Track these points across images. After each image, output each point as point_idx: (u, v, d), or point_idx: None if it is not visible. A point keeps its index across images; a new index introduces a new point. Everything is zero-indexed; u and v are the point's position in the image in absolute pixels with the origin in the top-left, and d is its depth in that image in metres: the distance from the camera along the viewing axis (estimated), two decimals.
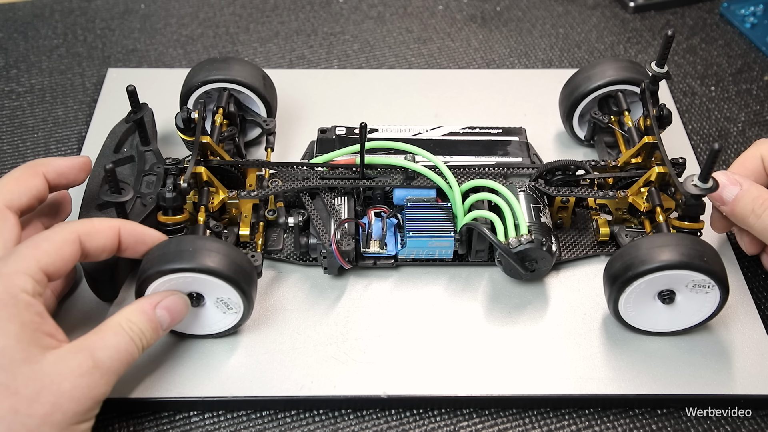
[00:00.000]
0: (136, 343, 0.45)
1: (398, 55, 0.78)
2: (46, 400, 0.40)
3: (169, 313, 0.47)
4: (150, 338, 0.46)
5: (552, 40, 0.80)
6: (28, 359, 0.40)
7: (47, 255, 0.43)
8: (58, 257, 0.44)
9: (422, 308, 0.55)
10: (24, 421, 0.40)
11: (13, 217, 0.48)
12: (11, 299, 0.41)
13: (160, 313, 0.47)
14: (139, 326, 0.45)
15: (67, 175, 0.51)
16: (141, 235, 0.48)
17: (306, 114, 0.69)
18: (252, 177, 0.59)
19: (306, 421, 0.50)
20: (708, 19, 0.83)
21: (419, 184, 0.57)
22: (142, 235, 0.48)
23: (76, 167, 0.52)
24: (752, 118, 0.72)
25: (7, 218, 0.47)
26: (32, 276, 0.42)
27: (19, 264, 0.42)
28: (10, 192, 0.48)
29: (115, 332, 0.44)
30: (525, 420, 0.50)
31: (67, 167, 0.51)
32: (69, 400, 0.41)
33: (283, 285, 0.56)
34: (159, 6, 0.82)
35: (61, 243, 0.44)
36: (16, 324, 0.41)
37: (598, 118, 0.62)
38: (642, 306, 0.51)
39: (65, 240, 0.44)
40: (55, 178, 0.51)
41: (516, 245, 0.52)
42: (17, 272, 0.42)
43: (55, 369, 0.41)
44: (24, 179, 0.49)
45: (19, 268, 0.42)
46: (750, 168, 0.55)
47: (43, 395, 0.40)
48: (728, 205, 0.52)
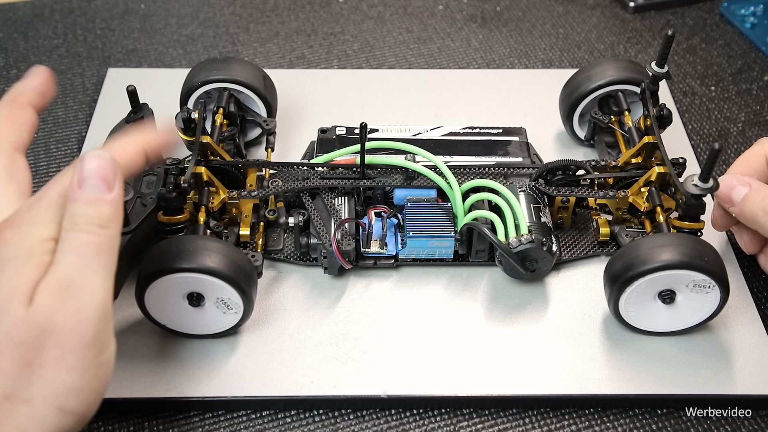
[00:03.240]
0: (99, 234, 0.38)
1: (398, 55, 0.78)
2: (50, 347, 0.36)
3: (101, 179, 0.39)
4: (103, 213, 0.39)
5: (552, 40, 0.80)
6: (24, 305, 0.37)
7: None
8: None
9: (422, 308, 0.55)
10: (41, 373, 0.36)
11: (22, 159, 0.45)
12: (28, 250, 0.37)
13: (91, 183, 0.39)
14: (84, 216, 0.38)
15: (46, 92, 0.47)
16: (161, 143, 0.45)
17: (306, 114, 0.69)
18: (252, 177, 0.59)
19: (306, 421, 0.50)
20: (708, 19, 0.83)
21: (419, 184, 0.57)
22: (161, 143, 0.45)
23: (47, 80, 0.47)
24: (752, 118, 0.72)
25: (17, 161, 0.44)
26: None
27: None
28: (11, 133, 0.44)
29: (71, 243, 0.38)
30: (525, 420, 0.50)
31: (42, 84, 0.47)
32: (69, 335, 0.37)
33: (283, 285, 0.56)
34: (159, 6, 0.82)
35: None
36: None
37: (598, 118, 0.62)
38: (642, 306, 0.51)
39: None
40: (39, 101, 0.47)
41: (516, 245, 0.52)
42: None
43: (43, 307, 0.36)
44: (16, 116, 0.45)
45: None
46: (754, 166, 0.55)
47: (43, 343, 0.36)
48: (737, 206, 0.52)
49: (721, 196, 0.53)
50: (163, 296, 0.49)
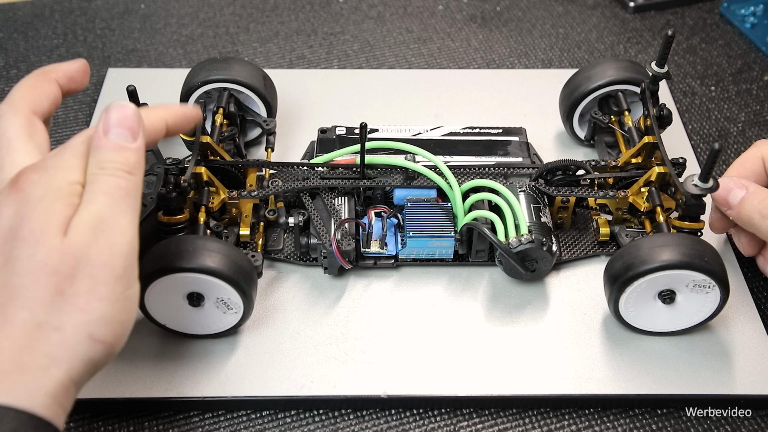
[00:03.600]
0: (126, 178, 0.40)
1: (398, 55, 0.78)
2: (82, 276, 0.37)
3: (126, 128, 0.41)
4: (129, 159, 0.41)
5: (552, 40, 0.80)
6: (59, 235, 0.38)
7: None
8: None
9: (422, 308, 0.55)
10: (72, 302, 0.37)
11: (40, 124, 0.46)
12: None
13: (117, 132, 0.41)
14: (112, 161, 0.40)
15: (75, 78, 0.49)
16: (183, 116, 0.47)
17: (306, 114, 0.68)
18: (252, 177, 0.59)
19: (306, 421, 0.50)
20: (708, 19, 0.83)
21: (419, 184, 0.57)
22: (183, 115, 0.47)
23: (81, 70, 0.49)
24: (752, 118, 0.72)
25: (35, 124, 0.45)
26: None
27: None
28: (33, 98, 0.46)
29: (101, 185, 0.40)
30: (525, 420, 0.50)
31: (74, 70, 0.49)
32: (101, 267, 0.38)
33: (283, 285, 0.56)
34: (159, 6, 0.82)
35: None
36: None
37: (598, 118, 0.62)
38: (642, 306, 0.51)
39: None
40: (66, 83, 0.48)
41: (516, 245, 0.52)
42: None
43: (77, 239, 0.38)
44: (41, 86, 0.47)
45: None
46: (750, 169, 0.55)
47: (76, 272, 0.37)
48: (734, 209, 0.52)
49: (718, 199, 0.53)
50: (163, 296, 0.49)
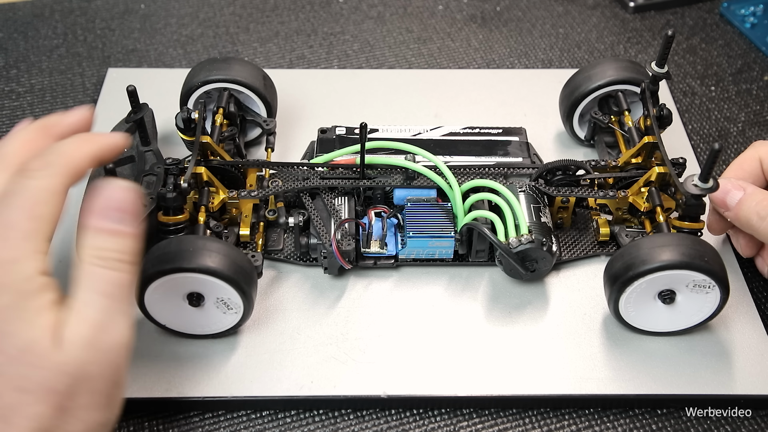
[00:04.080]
0: (126, 270, 0.38)
1: (398, 55, 0.78)
2: (82, 392, 0.37)
3: (122, 212, 0.38)
4: (127, 246, 0.38)
5: (552, 40, 0.80)
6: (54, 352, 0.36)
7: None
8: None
9: (422, 308, 0.55)
10: (74, 413, 0.37)
11: None
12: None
13: (114, 217, 0.38)
14: (111, 251, 0.38)
15: (80, 130, 0.44)
16: (109, 148, 0.42)
17: (306, 114, 0.68)
18: (252, 177, 0.59)
19: (306, 421, 0.50)
20: (708, 19, 0.83)
21: (419, 184, 0.57)
22: (110, 147, 0.42)
23: (84, 121, 0.44)
24: (752, 118, 0.72)
25: None
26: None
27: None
28: (27, 156, 0.41)
29: (98, 283, 0.37)
30: (525, 420, 0.50)
31: (77, 122, 0.44)
32: (100, 380, 0.37)
33: (283, 285, 0.56)
34: (159, 6, 0.82)
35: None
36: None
37: (598, 118, 0.62)
38: (642, 306, 0.51)
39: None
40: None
41: (516, 245, 0.52)
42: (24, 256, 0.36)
43: (73, 356, 0.36)
44: (39, 142, 0.42)
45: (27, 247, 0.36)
46: (748, 170, 0.55)
47: (76, 389, 0.36)
48: (732, 210, 0.52)
49: (716, 200, 0.53)
50: (163, 296, 0.49)
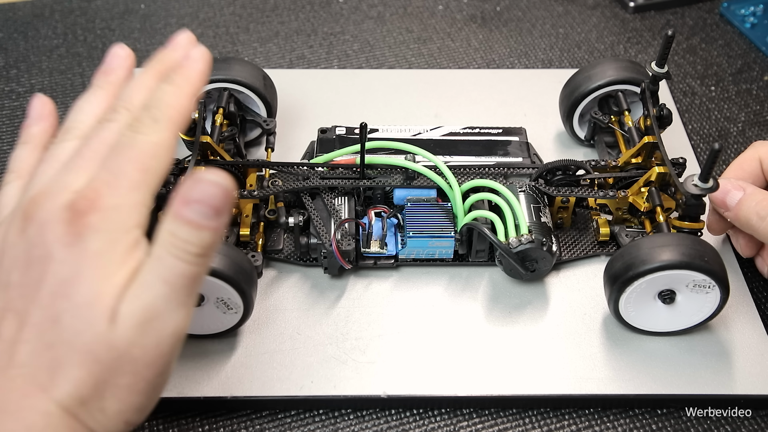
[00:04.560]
0: (197, 264, 0.36)
1: (398, 55, 0.78)
2: (125, 372, 0.36)
3: (206, 206, 0.35)
4: (205, 240, 0.36)
5: (552, 40, 0.80)
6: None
7: None
8: None
9: (422, 308, 0.55)
10: (113, 391, 0.36)
11: None
12: None
13: (196, 209, 0.35)
14: (187, 242, 0.35)
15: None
16: None
17: (306, 114, 0.68)
18: (252, 177, 0.59)
19: (306, 421, 0.50)
20: (708, 19, 0.83)
21: (419, 184, 0.57)
22: None
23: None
24: (752, 118, 0.72)
25: None
26: None
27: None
28: None
29: (165, 271, 0.36)
30: (525, 420, 0.50)
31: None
32: (144, 366, 0.36)
33: (283, 285, 0.56)
34: (159, 6, 0.82)
35: None
36: None
37: (598, 118, 0.62)
38: (642, 306, 0.51)
39: None
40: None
41: (516, 245, 0.52)
42: None
43: (123, 335, 0.36)
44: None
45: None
46: (748, 170, 0.55)
47: (119, 367, 0.36)
48: (732, 211, 0.52)
49: (716, 201, 0.53)
50: None
